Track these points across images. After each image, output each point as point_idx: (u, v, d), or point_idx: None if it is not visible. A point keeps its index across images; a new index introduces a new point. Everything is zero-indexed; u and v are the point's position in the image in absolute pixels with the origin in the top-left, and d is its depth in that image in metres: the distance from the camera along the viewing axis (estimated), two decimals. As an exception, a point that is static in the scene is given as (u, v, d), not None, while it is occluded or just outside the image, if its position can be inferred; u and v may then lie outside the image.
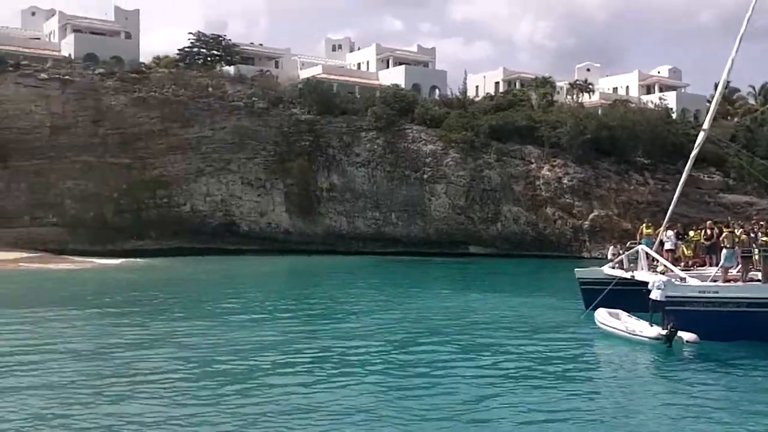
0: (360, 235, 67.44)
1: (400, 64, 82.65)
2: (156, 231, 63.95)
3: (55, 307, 28.88)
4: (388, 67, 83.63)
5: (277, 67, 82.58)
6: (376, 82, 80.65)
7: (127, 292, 36.01)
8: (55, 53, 69.93)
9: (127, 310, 29.08)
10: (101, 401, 15.12)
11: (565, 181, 64.32)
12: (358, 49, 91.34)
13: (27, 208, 60.41)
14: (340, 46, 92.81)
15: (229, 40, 78.51)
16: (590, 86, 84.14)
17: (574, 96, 80.00)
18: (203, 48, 75.97)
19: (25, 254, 55.28)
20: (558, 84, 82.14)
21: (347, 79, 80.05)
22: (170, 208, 65.43)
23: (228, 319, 26.98)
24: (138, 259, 56.01)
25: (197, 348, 20.98)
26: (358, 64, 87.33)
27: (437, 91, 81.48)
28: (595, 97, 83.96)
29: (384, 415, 14.46)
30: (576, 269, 31.23)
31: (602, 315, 25.48)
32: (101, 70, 64.62)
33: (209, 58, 75.72)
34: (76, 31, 72.96)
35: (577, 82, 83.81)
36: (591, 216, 63.53)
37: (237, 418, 14.02)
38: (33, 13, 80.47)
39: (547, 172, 64.87)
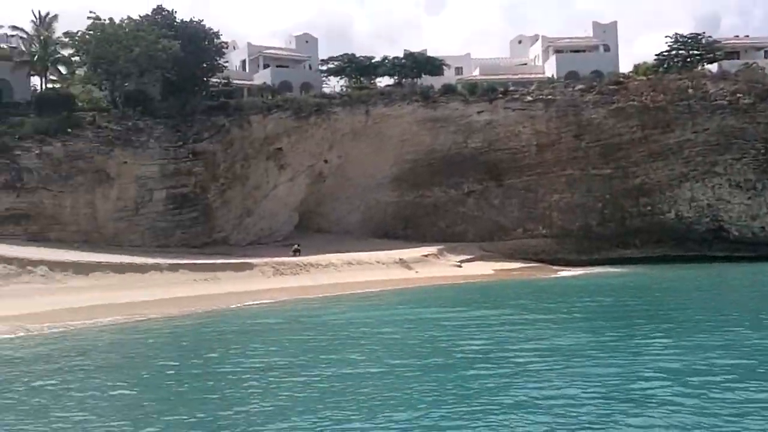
0: None
1: None
2: (640, 239, 65.05)
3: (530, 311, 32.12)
4: None
5: (766, 57, 77.18)
6: None
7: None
8: (539, 76, 75.52)
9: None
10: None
11: None
12: None
13: (519, 221, 66.64)
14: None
15: (709, 36, 75.74)
16: None
17: None
18: (681, 49, 74.58)
19: (520, 264, 61.12)
20: None
21: None
22: (653, 215, 65.89)
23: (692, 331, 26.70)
24: (614, 268, 57.84)
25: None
26: None
27: None
28: None
29: None
30: None
31: None
32: (581, 86, 67.89)
33: (689, 59, 74.07)
34: (557, 52, 77.88)
35: None
36: None
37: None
38: (519, 42, 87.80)
39: None
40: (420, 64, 74.25)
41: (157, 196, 56.70)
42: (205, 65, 64.86)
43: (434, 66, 74.82)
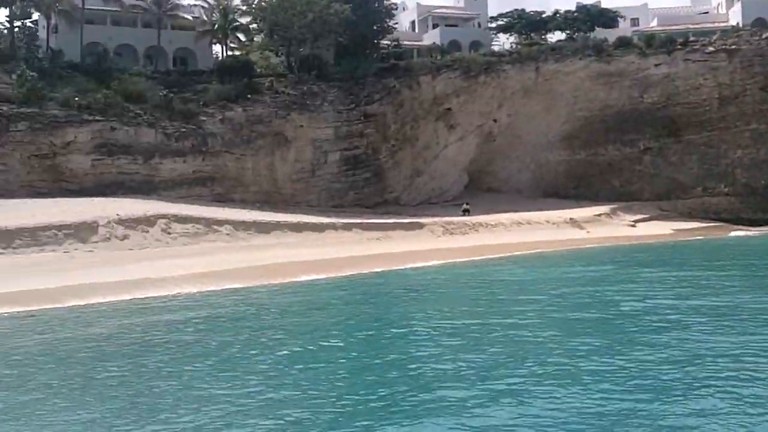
0: None
1: None
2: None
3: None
4: None
5: None
6: None
7: None
8: (722, 24, 70.86)
9: None
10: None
11: None
12: None
13: (699, 179, 63.35)
14: None
15: None
16: None
17: None
18: None
19: (699, 224, 58.41)
20: None
21: None
22: None
23: None
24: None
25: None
26: None
27: None
28: None
29: None
30: None
31: None
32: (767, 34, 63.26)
33: None
34: (744, -3, 72.57)
35: None
36: None
37: None
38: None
39: None
40: (593, 16, 71.80)
41: (332, 158, 58.74)
42: (375, 28, 65.90)
43: (608, 18, 72.16)
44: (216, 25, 63.13)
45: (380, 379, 15.48)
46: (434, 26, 76.53)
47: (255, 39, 69.29)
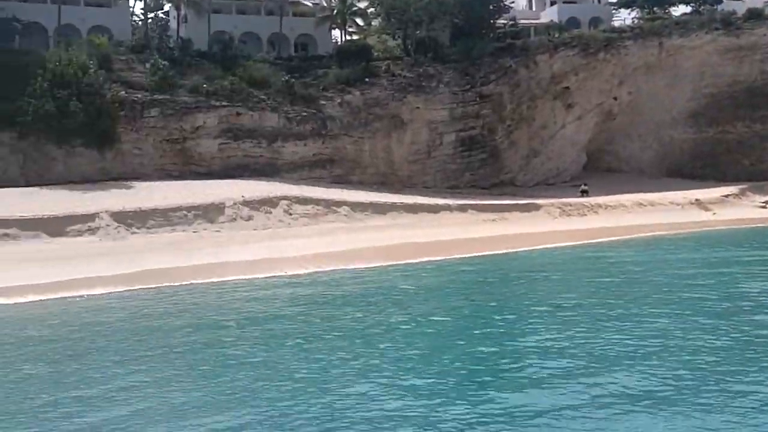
0: None
1: None
2: None
3: None
4: None
5: None
6: None
7: None
8: None
9: None
10: None
11: None
12: None
13: None
14: None
15: None
16: None
17: None
18: None
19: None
20: None
21: None
22: None
23: None
24: None
25: None
26: None
27: None
28: None
29: None
30: None
31: None
32: None
33: None
34: None
35: None
36: None
37: None
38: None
39: None
40: (721, -13, 68.67)
41: (447, 139, 58.92)
42: (491, 7, 65.26)
43: (737, -11, 68.77)
44: (335, 11, 64.17)
45: (498, 353, 15.94)
46: (552, 3, 75.10)
47: (372, 23, 70.06)
